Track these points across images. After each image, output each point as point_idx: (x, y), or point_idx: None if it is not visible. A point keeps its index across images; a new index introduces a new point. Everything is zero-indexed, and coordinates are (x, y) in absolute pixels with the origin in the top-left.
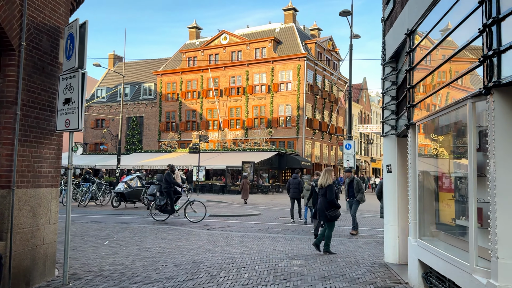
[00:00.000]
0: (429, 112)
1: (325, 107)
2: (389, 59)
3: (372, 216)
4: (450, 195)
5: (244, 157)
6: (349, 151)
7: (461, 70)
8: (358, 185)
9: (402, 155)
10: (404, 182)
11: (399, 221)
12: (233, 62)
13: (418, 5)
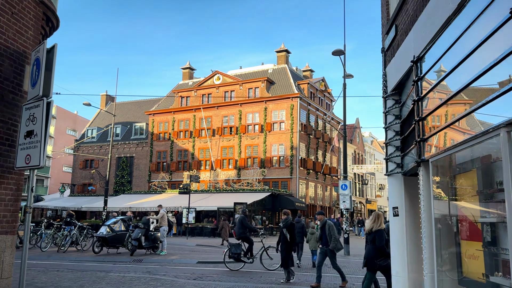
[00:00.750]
0: (445, 147)
1: (318, 147)
2: (392, 92)
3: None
4: (478, 245)
5: (237, 198)
6: (345, 192)
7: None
8: (330, 230)
9: (410, 196)
10: (414, 227)
11: (409, 273)
12: (226, 101)
13: (426, 28)
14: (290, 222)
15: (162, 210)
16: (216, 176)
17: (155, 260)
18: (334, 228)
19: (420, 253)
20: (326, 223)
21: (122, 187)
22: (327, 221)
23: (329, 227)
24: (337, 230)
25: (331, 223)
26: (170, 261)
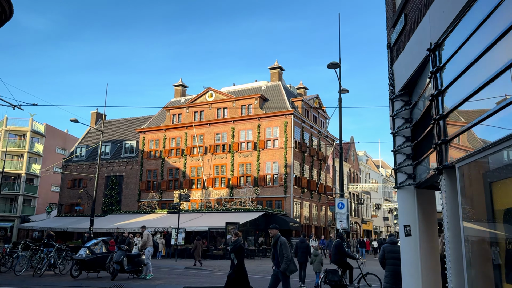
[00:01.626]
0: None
1: (313, 165)
2: (400, 92)
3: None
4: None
5: (229, 218)
6: (342, 211)
7: None
8: (282, 248)
9: (425, 212)
10: (429, 248)
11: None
12: (219, 119)
13: (447, 8)
14: (239, 245)
15: (146, 231)
16: (208, 195)
17: (137, 286)
18: (288, 246)
19: (437, 278)
20: (278, 239)
21: (110, 207)
22: (280, 237)
23: (281, 245)
24: None
25: (285, 240)
26: (154, 287)
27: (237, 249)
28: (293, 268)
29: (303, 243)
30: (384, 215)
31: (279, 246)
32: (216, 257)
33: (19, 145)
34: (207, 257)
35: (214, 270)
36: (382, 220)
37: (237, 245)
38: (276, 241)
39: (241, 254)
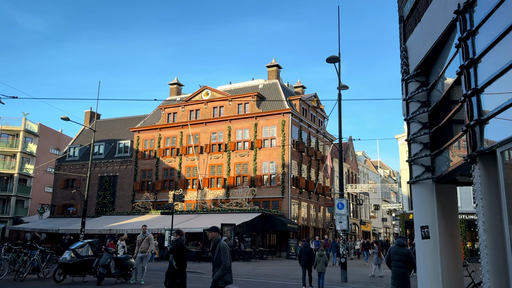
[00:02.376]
0: None
1: (311, 165)
2: (415, 71)
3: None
4: None
5: (225, 219)
6: (342, 211)
7: None
8: (220, 254)
9: (445, 210)
10: (451, 252)
11: None
12: (215, 118)
13: None
14: (180, 245)
15: (148, 232)
16: (204, 196)
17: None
18: (228, 252)
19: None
20: (218, 243)
21: (104, 208)
22: (220, 241)
23: (220, 250)
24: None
25: (225, 244)
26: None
27: (178, 249)
28: (228, 279)
29: (307, 248)
30: (382, 216)
31: (217, 251)
32: (211, 259)
33: (12, 145)
34: (202, 259)
35: (208, 273)
36: (381, 221)
37: (178, 245)
38: (215, 246)
39: (182, 256)
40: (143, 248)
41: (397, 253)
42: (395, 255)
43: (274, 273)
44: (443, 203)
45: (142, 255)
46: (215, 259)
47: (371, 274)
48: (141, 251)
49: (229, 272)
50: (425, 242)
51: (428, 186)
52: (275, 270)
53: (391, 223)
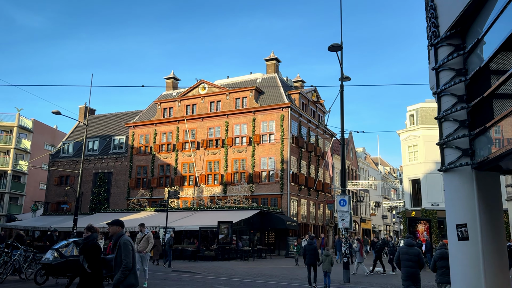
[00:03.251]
0: None
1: (311, 161)
2: (448, 32)
3: None
4: None
5: (222, 216)
6: (344, 208)
7: None
8: (120, 252)
9: (488, 204)
10: (497, 257)
11: None
12: (212, 112)
13: None
14: (91, 243)
15: (147, 230)
16: (201, 193)
17: None
18: (130, 249)
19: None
20: (119, 240)
21: (98, 205)
22: (123, 237)
23: (120, 247)
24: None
25: (127, 240)
26: None
27: (88, 248)
28: (133, 281)
29: (311, 246)
30: (383, 213)
31: (117, 248)
32: (207, 258)
33: (5, 141)
34: (198, 258)
35: (204, 273)
36: (381, 219)
37: (88, 243)
38: (115, 242)
39: (95, 256)
40: (142, 248)
41: (407, 253)
42: (405, 255)
43: (273, 273)
44: (485, 195)
45: (142, 256)
46: (115, 258)
47: (366, 273)
48: (139, 251)
49: (132, 273)
50: (462, 244)
51: (466, 174)
52: (273, 270)
53: (391, 220)
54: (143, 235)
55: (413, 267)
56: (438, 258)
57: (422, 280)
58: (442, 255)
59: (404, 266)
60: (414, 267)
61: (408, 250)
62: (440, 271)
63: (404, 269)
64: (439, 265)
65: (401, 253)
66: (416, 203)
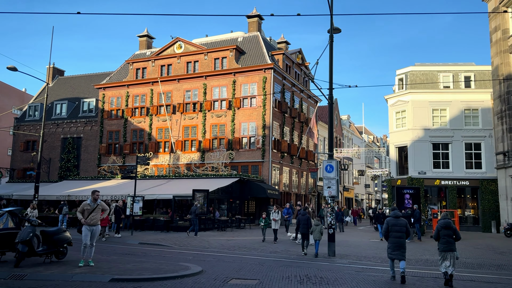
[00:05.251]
0: None
1: (294, 128)
2: None
3: None
4: None
5: (198, 185)
6: (331, 175)
7: None
8: None
9: None
10: None
11: None
12: (189, 74)
13: None
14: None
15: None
16: (177, 160)
17: (47, 276)
18: None
19: None
20: None
21: (68, 172)
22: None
23: None
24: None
25: None
26: (70, 277)
27: None
28: None
29: (304, 216)
30: (365, 182)
31: None
32: (181, 229)
33: None
34: (171, 229)
35: (174, 246)
36: (364, 188)
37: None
38: None
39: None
40: (95, 220)
41: (396, 224)
42: (394, 227)
43: (251, 245)
44: None
45: (92, 229)
46: None
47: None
48: (90, 224)
49: None
50: None
51: None
52: (252, 242)
53: (373, 189)
54: (95, 205)
55: (401, 237)
56: (441, 227)
57: (415, 254)
58: (446, 224)
59: (394, 237)
60: (402, 237)
61: (397, 221)
62: (443, 240)
63: (394, 240)
64: (442, 234)
65: (390, 224)
66: (402, 171)
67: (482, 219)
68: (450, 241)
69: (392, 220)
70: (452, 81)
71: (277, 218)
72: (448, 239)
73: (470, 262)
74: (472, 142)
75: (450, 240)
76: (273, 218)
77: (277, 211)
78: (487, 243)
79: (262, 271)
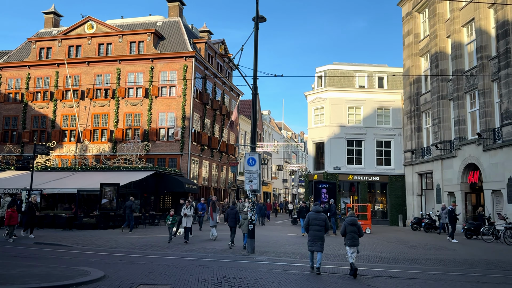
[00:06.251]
0: None
1: (215, 120)
2: None
3: None
4: None
5: (108, 178)
6: (253, 168)
7: None
8: None
9: None
10: None
11: None
12: (101, 57)
13: None
14: None
15: None
16: (84, 150)
17: None
18: None
19: None
20: None
21: None
22: None
23: None
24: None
25: None
26: None
27: None
28: None
29: (232, 210)
30: (283, 177)
31: None
32: (87, 226)
33: None
34: (74, 226)
35: (76, 246)
36: (281, 182)
37: None
38: None
39: None
40: None
41: (316, 218)
42: (314, 220)
43: (165, 243)
44: None
45: None
46: None
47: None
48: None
49: None
50: None
51: None
52: (166, 240)
53: (290, 184)
54: None
55: (320, 230)
56: (348, 224)
57: (332, 248)
58: (352, 221)
59: (313, 230)
60: (321, 230)
61: (317, 216)
62: (349, 236)
63: (313, 233)
64: (349, 230)
65: (310, 218)
66: (318, 167)
67: (390, 213)
68: (355, 236)
69: (313, 214)
70: (367, 81)
71: (189, 214)
72: (353, 235)
73: (385, 257)
74: (383, 140)
75: (355, 236)
76: (184, 213)
77: (190, 206)
78: (397, 236)
79: (175, 273)
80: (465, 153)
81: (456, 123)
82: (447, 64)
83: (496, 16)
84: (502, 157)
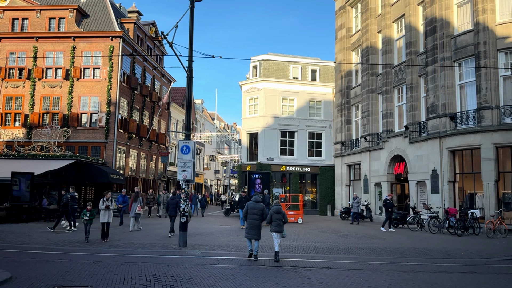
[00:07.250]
0: None
1: (145, 107)
2: None
3: None
4: None
5: (22, 166)
6: (187, 157)
7: None
8: None
9: None
10: None
11: None
12: (15, 33)
13: None
14: None
15: None
16: None
17: None
18: None
19: None
20: None
21: None
22: None
23: None
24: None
25: None
26: None
27: None
28: None
29: (173, 200)
30: (215, 168)
31: None
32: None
33: None
34: None
35: None
36: (213, 173)
37: None
38: None
39: None
40: None
41: (254, 207)
42: (253, 210)
43: (83, 238)
44: None
45: None
46: None
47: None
48: None
49: None
50: None
51: None
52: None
53: (222, 175)
54: None
55: (257, 219)
56: (274, 212)
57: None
58: (277, 210)
59: (251, 218)
60: (258, 219)
61: (255, 205)
62: (275, 223)
63: (250, 221)
64: (274, 218)
65: (249, 207)
66: (252, 157)
67: (320, 203)
68: (280, 223)
69: (251, 203)
70: (301, 73)
71: (111, 207)
72: (279, 222)
73: (320, 247)
74: (315, 131)
75: (280, 223)
76: (106, 205)
77: (110, 199)
78: (328, 226)
79: (97, 272)
80: (392, 145)
81: (384, 116)
82: (377, 59)
83: (425, 13)
84: (427, 149)
